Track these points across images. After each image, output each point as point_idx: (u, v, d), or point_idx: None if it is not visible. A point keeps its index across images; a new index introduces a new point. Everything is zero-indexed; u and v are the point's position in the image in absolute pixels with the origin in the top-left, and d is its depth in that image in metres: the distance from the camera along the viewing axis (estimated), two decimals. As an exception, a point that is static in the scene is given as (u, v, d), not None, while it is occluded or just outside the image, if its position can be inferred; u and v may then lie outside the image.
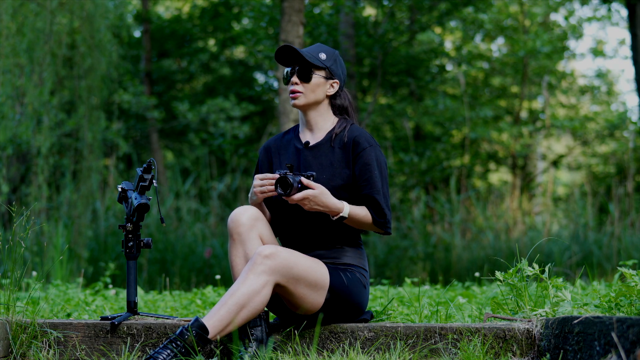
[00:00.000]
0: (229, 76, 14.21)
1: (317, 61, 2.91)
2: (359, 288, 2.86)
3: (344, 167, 2.88)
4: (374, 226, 2.84)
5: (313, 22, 9.20)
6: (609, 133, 13.69)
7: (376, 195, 2.83)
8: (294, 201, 2.72)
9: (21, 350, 2.84)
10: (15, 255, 3.02)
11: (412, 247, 9.10)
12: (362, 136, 2.90)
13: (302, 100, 2.93)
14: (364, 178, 2.85)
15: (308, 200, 2.71)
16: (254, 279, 2.63)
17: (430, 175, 11.70)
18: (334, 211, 2.76)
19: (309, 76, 2.91)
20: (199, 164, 12.25)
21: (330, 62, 2.95)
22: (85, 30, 8.33)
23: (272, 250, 2.66)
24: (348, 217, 2.77)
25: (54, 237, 7.43)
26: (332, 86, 2.97)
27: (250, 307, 2.63)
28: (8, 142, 7.93)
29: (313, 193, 2.71)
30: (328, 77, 2.95)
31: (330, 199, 2.74)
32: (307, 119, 2.98)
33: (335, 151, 2.90)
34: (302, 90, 2.92)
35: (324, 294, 2.77)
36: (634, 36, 9.27)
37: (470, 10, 11.62)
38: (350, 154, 2.88)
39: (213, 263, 8.11)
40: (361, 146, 2.88)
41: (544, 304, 2.96)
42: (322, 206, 2.73)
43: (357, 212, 2.80)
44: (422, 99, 13.21)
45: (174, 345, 2.57)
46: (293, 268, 2.69)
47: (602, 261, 8.14)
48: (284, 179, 2.74)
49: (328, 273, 2.80)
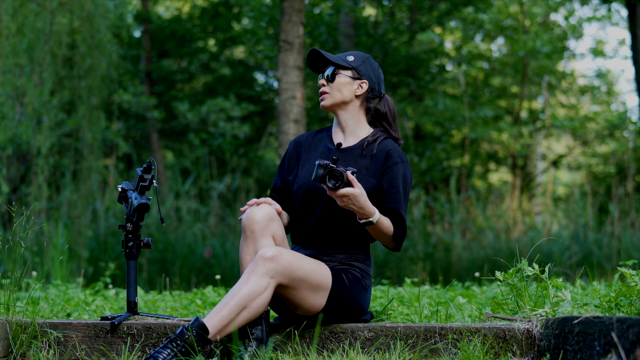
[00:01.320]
0: (229, 76, 14.21)
1: (342, 61, 2.96)
2: (360, 291, 2.87)
3: (370, 176, 2.88)
4: (392, 239, 2.84)
5: (313, 22, 9.20)
6: (609, 133, 13.69)
7: (401, 210, 2.84)
8: (336, 195, 2.69)
9: (21, 350, 2.84)
10: (15, 255, 3.02)
11: (412, 247, 9.10)
12: (395, 150, 2.91)
13: (329, 100, 2.97)
14: (391, 192, 2.86)
15: (348, 198, 2.69)
16: (256, 280, 2.63)
17: (430, 175, 11.71)
18: (366, 214, 2.73)
19: (333, 76, 2.96)
20: (199, 164, 12.25)
21: (358, 62, 2.97)
22: (85, 30, 8.33)
23: (275, 253, 2.66)
24: (375, 223, 2.75)
25: (54, 237, 7.43)
26: (361, 86, 2.98)
27: (252, 308, 2.63)
28: (8, 142, 7.93)
29: (355, 192, 2.68)
30: (355, 77, 2.97)
31: (367, 201, 2.72)
32: (339, 119, 3.01)
33: (366, 159, 2.91)
34: (327, 91, 2.97)
35: (325, 295, 2.78)
36: (634, 36, 9.27)
37: (470, 10, 11.62)
38: (381, 165, 2.89)
39: (213, 263, 8.11)
40: (393, 160, 2.89)
41: (544, 304, 2.96)
42: (358, 207, 2.71)
43: (384, 222, 2.79)
44: (422, 99, 13.22)
45: (174, 344, 2.57)
46: (296, 271, 2.69)
47: (602, 261, 8.14)
48: (336, 172, 2.67)
49: (330, 275, 2.80)
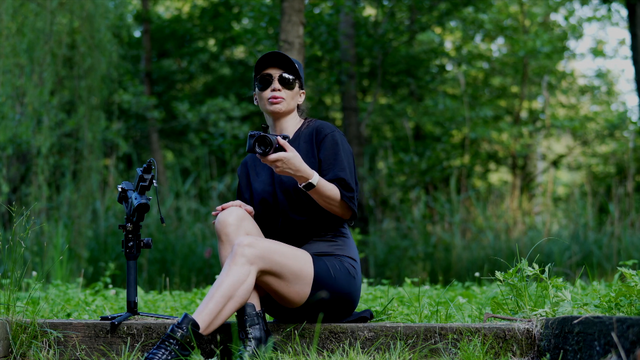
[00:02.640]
0: (229, 76, 14.22)
1: (297, 71, 2.97)
2: (347, 277, 2.86)
3: (310, 157, 2.91)
4: (342, 203, 2.83)
5: (313, 22, 9.20)
6: (609, 133, 13.69)
7: (341, 173, 2.85)
8: (269, 161, 2.71)
9: (21, 350, 2.84)
10: (15, 255, 3.02)
11: (412, 247, 9.11)
12: (324, 124, 2.97)
13: (284, 106, 2.97)
14: (329, 161, 2.88)
15: (282, 162, 2.71)
16: (237, 269, 2.66)
17: (430, 175, 11.70)
18: (304, 176, 2.74)
19: (292, 83, 2.97)
20: (199, 164, 12.26)
21: (301, 72, 3.02)
22: (85, 30, 8.33)
23: (252, 240, 2.70)
24: (317, 185, 2.75)
25: (54, 237, 7.44)
26: (301, 96, 3.06)
27: (237, 297, 2.65)
28: (8, 142, 7.94)
29: (287, 155, 2.71)
30: (300, 87, 3.03)
31: (302, 163, 2.74)
32: (279, 126, 3.02)
33: (301, 145, 2.95)
34: (284, 97, 2.96)
35: (309, 283, 2.78)
36: (634, 36, 9.27)
37: (470, 10, 11.62)
38: (314, 142, 2.94)
39: (213, 263, 8.11)
40: (323, 132, 2.94)
41: (544, 304, 2.96)
42: (294, 170, 2.72)
43: (326, 184, 2.80)
44: (422, 99, 13.22)
45: (168, 343, 2.58)
46: (274, 254, 2.71)
47: (602, 261, 8.14)
48: (264, 137, 2.71)
49: (311, 260, 2.81)
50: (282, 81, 2.96)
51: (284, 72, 2.97)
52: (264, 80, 2.97)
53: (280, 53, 2.97)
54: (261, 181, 3.00)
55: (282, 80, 2.96)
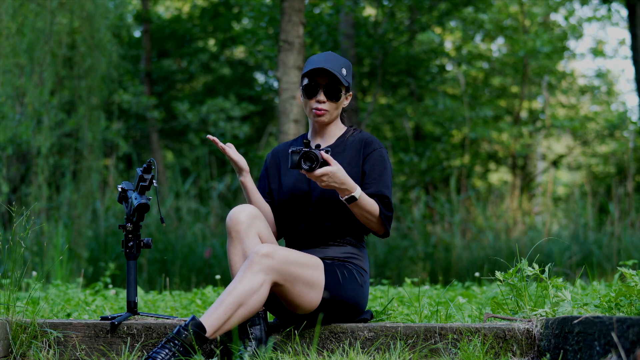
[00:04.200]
0: (229, 76, 14.22)
1: (343, 80, 2.92)
2: (355, 287, 2.86)
3: (353, 167, 2.92)
4: (379, 220, 2.84)
5: (313, 22, 9.20)
6: (609, 133, 13.69)
7: (385, 190, 2.88)
8: (314, 177, 2.71)
9: (21, 350, 2.84)
10: (15, 255, 3.02)
11: (412, 247, 9.10)
12: (373, 138, 2.99)
13: (327, 118, 2.97)
14: (373, 176, 2.90)
15: (328, 176, 2.71)
16: (251, 277, 2.63)
17: (430, 175, 11.70)
18: (348, 189, 2.75)
19: (337, 95, 2.95)
20: (199, 164, 12.25)
21: (349, 76, 2.98)
22: (85, 30, 8.33)
23: (270, 250, 2.67)
24: (359, 199, 2.77)
25: (54, 237, 7.43)
26: (347, 99, 3.03)
27: (248, 306, 2.63)
28: (8, 142, 7.93)
29: (332, 169, 2.71)
30: (347, 91, 3.00)
31: (346, 176, 2.75)
32: (322, 130, 3.02)
33: (346, 153, 2.95)
34: (328, 109, 2.95)
35: (320, 292, 2.78)
36: (634, 36, 9.28)
37: (470, 10, 11.62)
38: (361, 153, 2.94)
39: (213, 263, 8.11)
40: (372, 146, 2.95)
41: (544, 304, 2.96)
42: (339, 183, 2.73)
43: (367, 199, 2.82)
44: (422, 99, 13.22)
45: (172, 344, 2.56)
46: (290, 265, 2.70)
47: (602, 261, 8.13)
48: (309, 153, 2.70)
49: (323, 269, 2.80)
50: (327, 93, 2.93)
51: (332, 82, 2.92)
52: (309, 88, 2.93)
53: (326, 69, 2.88)
54: (294, 177, 2.98)
55: (327, 92, 2.93)
